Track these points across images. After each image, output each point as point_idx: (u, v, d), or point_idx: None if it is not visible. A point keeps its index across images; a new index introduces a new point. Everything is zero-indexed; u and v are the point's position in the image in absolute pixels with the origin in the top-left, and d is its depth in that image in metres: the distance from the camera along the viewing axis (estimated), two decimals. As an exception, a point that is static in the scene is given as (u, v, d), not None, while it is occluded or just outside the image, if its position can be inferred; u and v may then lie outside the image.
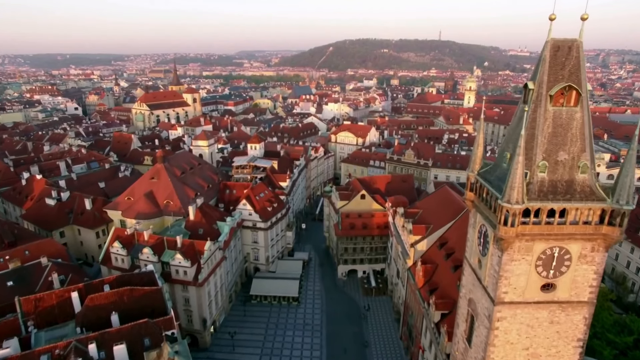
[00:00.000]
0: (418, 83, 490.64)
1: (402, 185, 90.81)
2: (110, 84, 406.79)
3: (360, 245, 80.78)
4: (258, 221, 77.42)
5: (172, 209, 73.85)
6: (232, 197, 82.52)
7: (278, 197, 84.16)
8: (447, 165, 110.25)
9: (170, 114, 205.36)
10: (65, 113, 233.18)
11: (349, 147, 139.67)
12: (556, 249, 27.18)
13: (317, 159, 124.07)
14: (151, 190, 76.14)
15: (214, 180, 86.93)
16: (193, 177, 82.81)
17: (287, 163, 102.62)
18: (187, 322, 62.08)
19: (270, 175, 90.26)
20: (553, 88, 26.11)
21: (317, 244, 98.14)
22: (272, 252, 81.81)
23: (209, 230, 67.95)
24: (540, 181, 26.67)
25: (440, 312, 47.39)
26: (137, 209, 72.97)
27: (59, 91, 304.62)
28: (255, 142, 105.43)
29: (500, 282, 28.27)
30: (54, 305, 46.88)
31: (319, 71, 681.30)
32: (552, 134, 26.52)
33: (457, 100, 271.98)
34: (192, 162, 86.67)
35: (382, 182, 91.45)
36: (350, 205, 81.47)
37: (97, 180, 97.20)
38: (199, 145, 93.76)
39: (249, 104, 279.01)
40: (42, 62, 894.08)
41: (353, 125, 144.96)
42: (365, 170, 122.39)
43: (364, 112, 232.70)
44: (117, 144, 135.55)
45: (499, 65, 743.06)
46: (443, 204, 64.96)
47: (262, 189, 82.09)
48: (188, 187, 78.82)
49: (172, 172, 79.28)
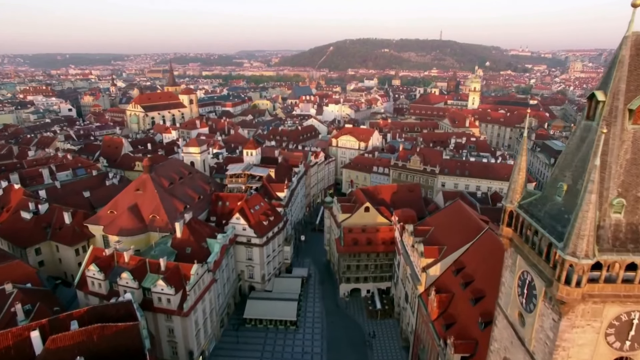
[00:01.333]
0: (419, 83, 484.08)
1: (409, 196, 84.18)
2: (108, 84, 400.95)
3: (364, 262, 74.13)
4: (253, 237, 70.82)
5: (159, 225, 67.26)
6: (225, 209, 75.87)
7: (275, 209, 77.55)
8: (455, 172, 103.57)
9: (165, 115, 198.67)
10: (59, 114, 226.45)
11: (350, 151, 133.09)
12: (636, 313, 20.56)
13: (317, 164, 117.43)
14: (136, 203, 69.52)
15: (205, 191, 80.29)
16: (182, 188, 76.12)
17: (285, 170, 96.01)
18: (171, 355, 55.50)
19: (267, 185, 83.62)
20: (634, 100, 19.48)
21: (318, 257, 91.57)
22: (269, 269, 75.23)
23: (198, 250, 61.39)
24: (615, 225, 20.11)
25: (460, 355, 40.78)
26: (120, 224, 66.38)
27: (54, 92, 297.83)
28: (252, 147, 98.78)
29: (557, 353, 21.66)
30: (10, 346, 40.22)
31: (319, 71, 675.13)
32: (632, 162, 19.92)
33: (460, 101, 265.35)
34: (182, 171, 79.95)
35: (387, 192, 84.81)
36: (353, 219, 74.87)
37: (83, 188, 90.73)
38: (190, 152, 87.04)
39: (247, 104, 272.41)
40: (41, 61, 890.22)
41: (355, 128, 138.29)
42: (368, 177, 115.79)
43: (365, 114, 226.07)
44: (107, 149, 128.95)
45: (501, 65, 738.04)
46: (457, 221, 58.33)
47: (257, 200, 75.46)
48: (176, 200, 72.16)
49: (160, 182, 72.66)
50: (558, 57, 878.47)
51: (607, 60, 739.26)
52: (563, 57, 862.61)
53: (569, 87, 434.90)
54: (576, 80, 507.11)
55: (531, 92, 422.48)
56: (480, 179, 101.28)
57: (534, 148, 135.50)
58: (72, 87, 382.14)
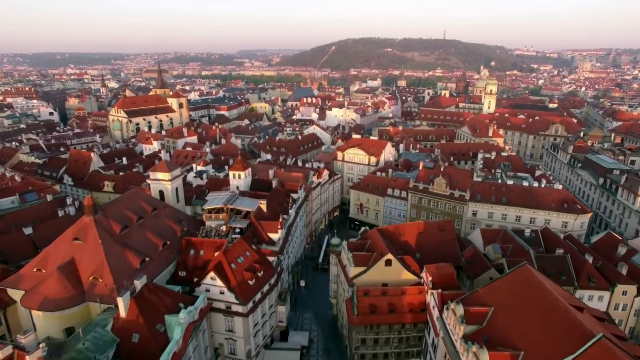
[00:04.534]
0: (425, 83, 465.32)
1: (440, 238, 65.03)
2: (102, 84, 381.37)
3: (385, 335, 55.05)
4: (234, 303, 51.93)
5: (101, 292, 48.25)
6: (199, 260, 56.77)
7: (265, 258, 58.54)
8: (489, 198, 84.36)
9: (152, 121, 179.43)
10: (38, 119, 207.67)
11: (359, 167, 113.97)
12: None
13: (320, 185, 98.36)
14: (72, 259, 50.51)
15: (174, 233, 61.09)
16: (142, 233, 57.00)
17: (280, 198, 77.01)
18: None
19: (256, 224, 64.50)
20: None
21: (321, 310, 72.46)
22: (257, 341, 56.26)
23: (150, 336, 42.48)
24: None
25: None
26: (44, 292, 47.34)
27: (37, 93, 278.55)
28: (239, 169, 79.77)
29: None
30: None
31: (321, 71, 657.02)
32: None
33: (473, 104, 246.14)
34: (142, 207, 60.72)
35: (411, 233, 65.66)
36: (370, 275, 55.91)
37: (30, 220, 71.99)
38: (158, 180, 67.57)
39: (244, 107, 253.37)
40: (41, 61, 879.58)
41: (364, 140, 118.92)
42: (381, 201, 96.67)
43: (372, 119, 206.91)
44: (74, 164, 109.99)
45: (506, 64, 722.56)
46: (532, 304, 39.11)
47: (241, 249, 56.44)
48: (131, 252, 53.08)
49: (108, 228, 53.60)
50: (564, 56, 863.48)
51: (616, 61, 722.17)
52: (569, 56, 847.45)
53: (580, 87, 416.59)
54: (586, 81, 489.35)
55: (541, 93, 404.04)
56: (522, 208, 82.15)
57: (572, 163, 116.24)
58: (62, 88, 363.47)
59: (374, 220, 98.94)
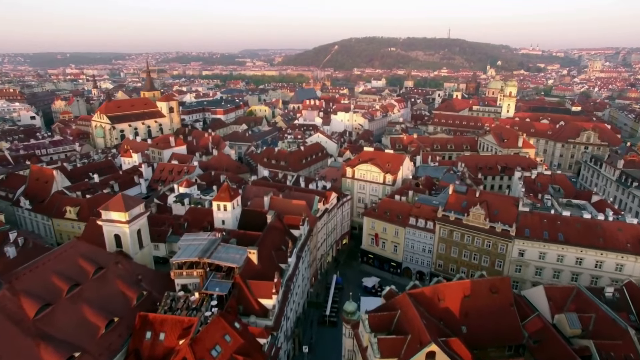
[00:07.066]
0: (431, 84, 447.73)
1: (493, 302, 47.28)
2: (101, 84, 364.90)
3: None
4: None
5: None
6: (158, 348, 39.36)
7: (254, 343, 41.11)
8: (541, 235, 66.64)
9: (139, 127, 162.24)
10: (17, 123, 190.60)
11: (372, 186, 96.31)
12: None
13: (327, 212, 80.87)
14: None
15: (128, 303, 43.56)
16: (74, 310, 39.51)
17: (277, 239, 59.57)
18: None
19: (242, 286, 46.96)
20: None
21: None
22: None
23: None
24: None
25: None
26: None
27: (22, 95, 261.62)
28: (225, 199, 62.45)
29: None
30: None
31: (323, 70, 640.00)
32: None
33: (487, 107, 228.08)
34: (81, 267, 43.20)
35: (453, 297, 47.82)
36: (405, 373, 38.42)
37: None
38: (112, 221, 49.83)
39: (242, 110, 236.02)
40: (42, 61, 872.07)
41: (378, 153, 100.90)
42: (400, 232, 79.09)
43: (381, 123, 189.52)
44: (35, 183, 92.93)
45: (512, 64, 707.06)
46: None
47: (217, 334, 38.94)
48: (51, 346, 35.63)
49: (17, 310, 36.14)
50: (571, 56, 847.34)
51: (626, 60, 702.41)
52: (576, 55, 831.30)
53: (592, 87, 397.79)
54: (597, 81, 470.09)
55: (552, 93, 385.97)
56: (585, 249, 64.40)
57: (623, 180, 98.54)
58: (52, 89, 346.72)
59: (392, 254, 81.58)
